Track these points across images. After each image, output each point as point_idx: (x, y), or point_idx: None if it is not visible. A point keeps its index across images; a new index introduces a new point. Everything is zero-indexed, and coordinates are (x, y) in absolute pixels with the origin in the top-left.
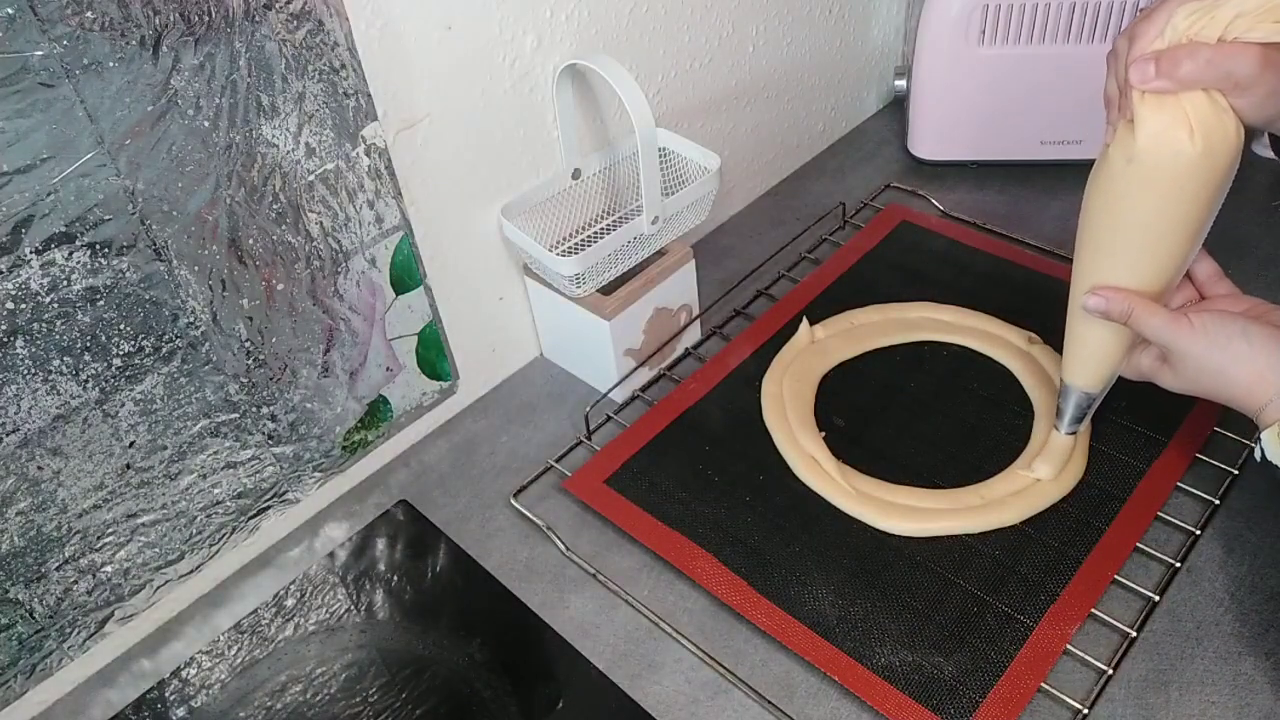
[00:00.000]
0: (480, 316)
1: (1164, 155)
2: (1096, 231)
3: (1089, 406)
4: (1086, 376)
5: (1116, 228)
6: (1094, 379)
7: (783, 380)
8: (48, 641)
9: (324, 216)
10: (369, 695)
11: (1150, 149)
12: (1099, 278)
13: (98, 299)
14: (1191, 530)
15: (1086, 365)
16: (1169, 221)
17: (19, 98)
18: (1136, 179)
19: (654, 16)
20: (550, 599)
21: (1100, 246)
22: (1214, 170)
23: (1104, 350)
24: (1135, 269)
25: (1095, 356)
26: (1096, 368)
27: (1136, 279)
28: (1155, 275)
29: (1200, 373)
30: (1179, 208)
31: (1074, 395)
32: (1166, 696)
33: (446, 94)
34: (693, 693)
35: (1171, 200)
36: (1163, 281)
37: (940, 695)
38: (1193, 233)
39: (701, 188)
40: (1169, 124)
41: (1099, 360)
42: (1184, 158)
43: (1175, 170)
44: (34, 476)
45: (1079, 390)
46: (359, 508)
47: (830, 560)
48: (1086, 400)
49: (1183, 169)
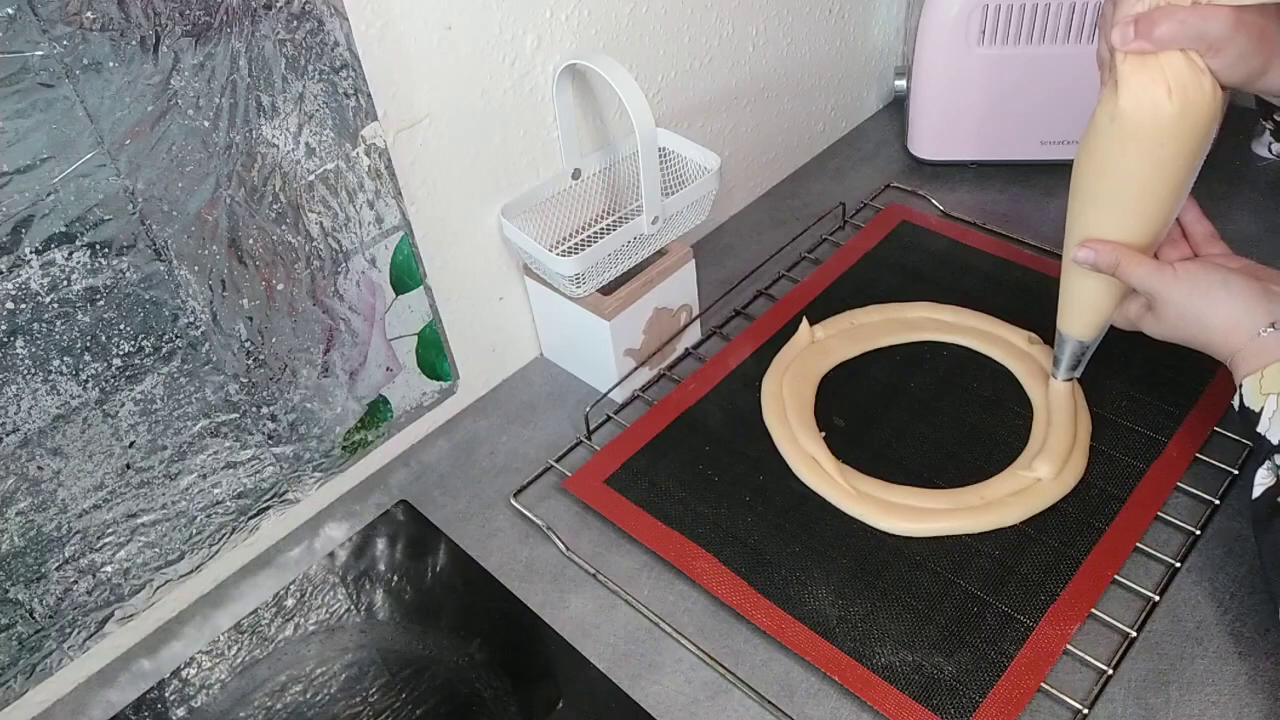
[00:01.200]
0: (480, 316)
1: (1144, 113)
2: (1085, 187)
3: (1083, 355)
4: (1080, 326)
5: (1103, 183)
6: (1087, 328)
7: (783, 380)
8: (48, 641)
9: (324, 216)
10: (369, 695)
11: (1131, 108)
12: (1088, 231)
13: (98, 299)
14: (1191, 530)
15: (1079, 316)
16: (1151, 176)
17: (19, 98)
18: (1119, 136)
19: (654, 16)
20: (550, 599)
21: (1089, 201)
22: (1192, 127)
23: (1095, 301)
24: (1121, 222)
25: (1087, 307)
26: (1088, 318)
27: (1123, 231)
28: (1141, 228)
29: (1181, 319)
30: (1160, 163)
31: (1069, 344)
32: (1166, 696)
33: (446, 94)
34: (693, 693)
35: (1152, 156)
36: (1148, 234)
37: (940, 695)
38: (1175, 187)
39: (701, 188)
40: (1148, 84)
41: (1090, 311)
42: (1163, 115)
43: (1155, 127)
44: (34, 476)
45: (1073, 339)
46: (359, 508)
47: (830, 560)
48: (1080, 349)
49: (1162, 126)
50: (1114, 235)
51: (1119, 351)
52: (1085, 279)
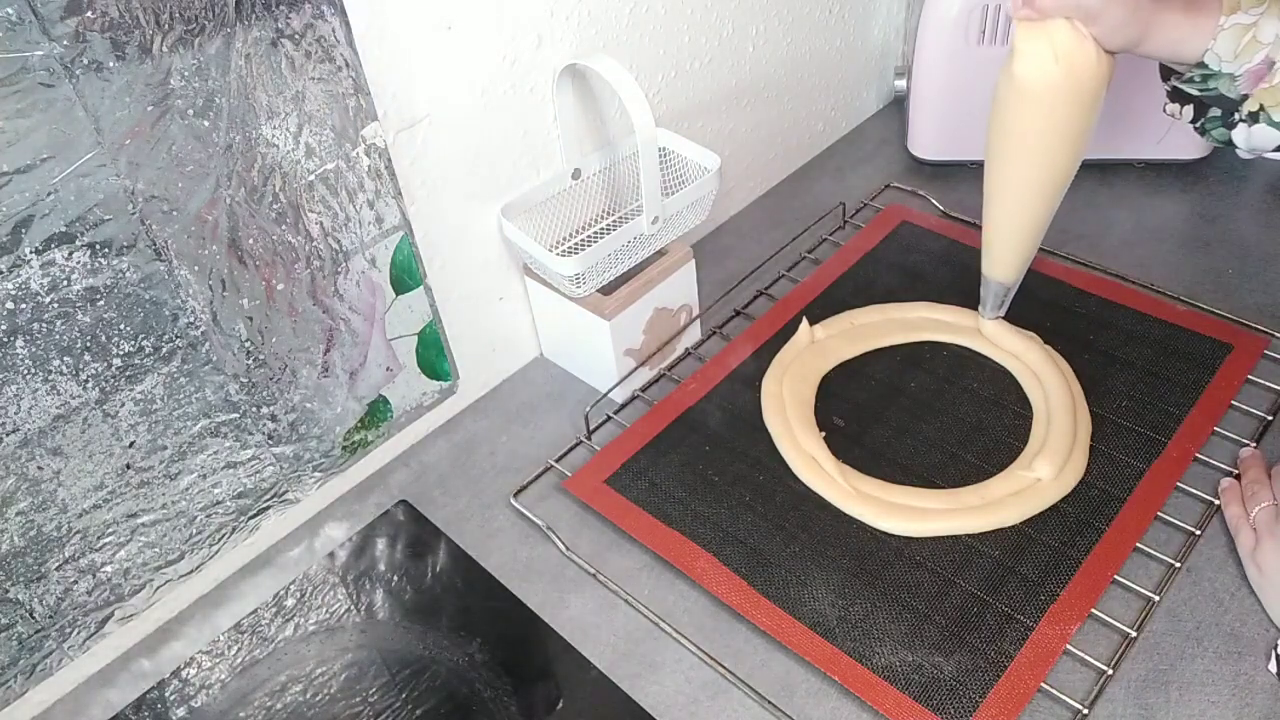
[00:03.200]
0: (480, 316)
1: (1033, 76)
2: (992, 146)
3: (1005, 295)
4: (1002, 269)
5: (1006, 143)
6: (1008, 271)
7: (783, 380)
8: (48, 641)
9: (324, 216)
10: (369, 695)
11: (1022, 71)
12: (996, 187)
13: (98, 299)
14: (1191, 530)
15: (1000, 259)
16: (1046, 136)
17: (19, 98)
18: (1015, 99)
19: (654, 16)
20: (550, 599)
21: (995, 159)
22: (1078, 90)
23: (1014, 246)
24: (1024, 178)
25: (1008, 251)
26: (1009, 261)
27: (1025, 186)
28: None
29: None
30: (1053, 123)
31: (992, 286)
32: (1166, 696)
33: (446, 94)
34: (693, 693)
35: (1045, 117)
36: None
37: (940, 695)
38: (1069, 145)
39: (701, 188)
40: (1038, 49)
41: (1010, 254)
42: (1050, 78)
43: (1045, 90)
44: (34, 476)
45: (996, 281)
46: (359, 508)
47: (830, 560)
48: (1003, 290)
49: (1051, 89)
50: (1018, 190)
51: (1119, 351)
52: (1005, 228)
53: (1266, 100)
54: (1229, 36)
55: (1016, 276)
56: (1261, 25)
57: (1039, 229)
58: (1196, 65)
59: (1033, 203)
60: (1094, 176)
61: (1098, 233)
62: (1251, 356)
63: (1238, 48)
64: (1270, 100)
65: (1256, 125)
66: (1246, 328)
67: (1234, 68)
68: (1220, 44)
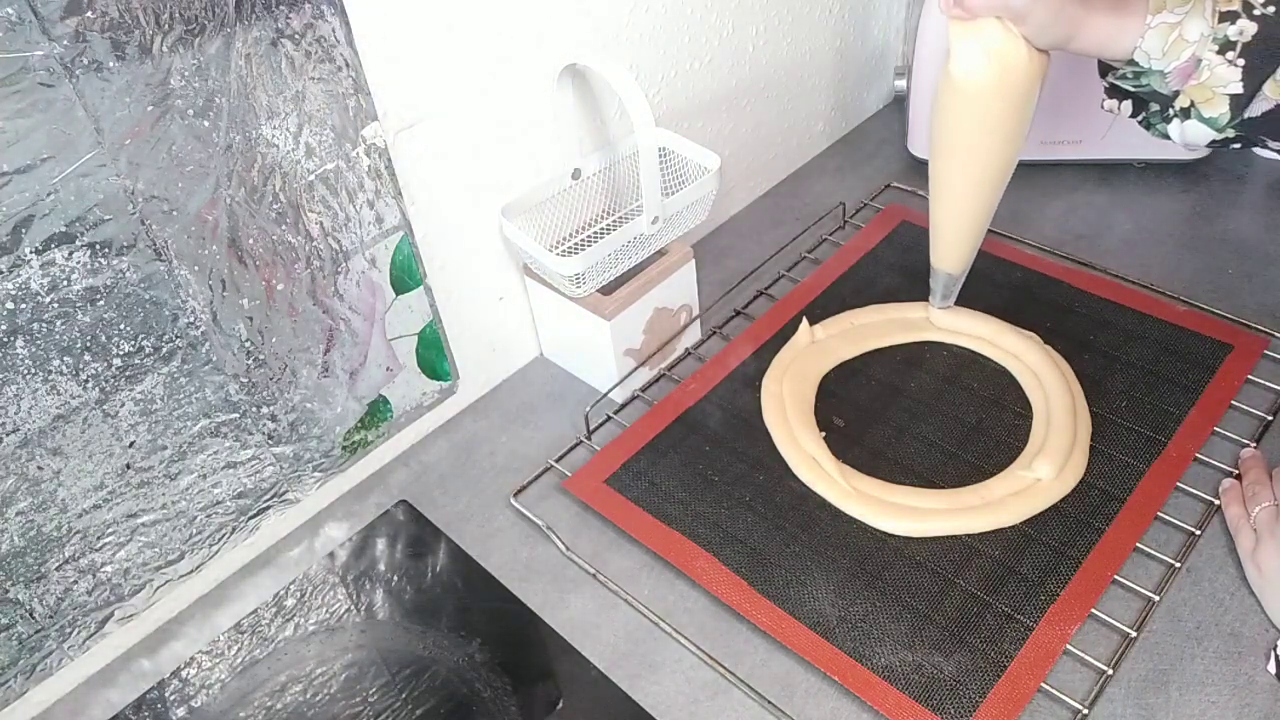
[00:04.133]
0: (480, 316)
1: (967, 75)
2: (935, 142)
3: (953, 285)
4: (948, 260)
5: (946, 139)
6: (954, 262)
7: (783, 380)
8: (48, 641)
9: (324, 216)
10: (369, 695)
11: (956, 70)
12: (937, 179)
13: (98, 299)
14: (1191, 530)
15: (946, 251)
16: (982, 132)
17: (19, 98)
18: (953, 97)
19: (654, 16)
20: (550, 599)
21: (937, 154)
22: (1011, 88)
23: (958, 238)
24: (965, 173)
25: (953, 244)
26: (954, 252)
27: (967, 181)
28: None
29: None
30: (988, 120)
31: (940, 276)
32: (1166, 696)
33: (446, 94)
34: (693, 693)
35: (980, 114)
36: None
37: (940, 695)
38: (1006, 141)
39: (701, 188)
40: (970, 48)
41: (955, 246)
42: (983, 77)
43: (978, 88)
44: (34, 476)
45: (943, 272)
46: (359, 508)
47: (830, 560)
48: (951, 280)
49: (984, 87)
50: (958, 185)
51: (1119, 351)
52: (951, 221)
53: (1196, 96)
54: (1156, 35)
55: (963, 267)
56: (1186, 24)
57: (981, 222)
58: (1128, 63)
59: (973, 197)
60: (1094, 176)
61: (1098, 233)
62: (1251, 356)
63: (1165, 46)
64: (1200, 96)
65: (1189, 121)
66: (1246, 328)
67: (1163, 65)
68: (1148, 42)
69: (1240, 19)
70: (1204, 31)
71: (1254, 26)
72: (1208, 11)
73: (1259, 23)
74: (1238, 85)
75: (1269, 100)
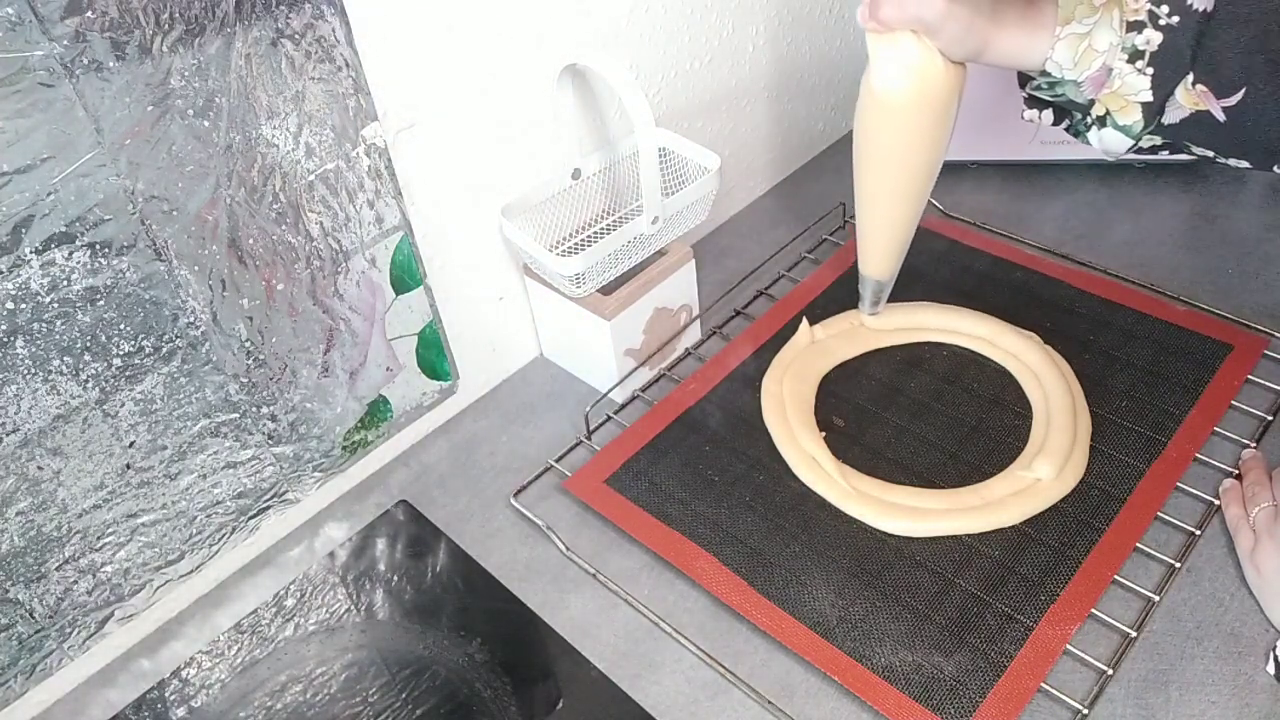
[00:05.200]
0: (480, 316)
1: (886, 87)
2: (857, 153)
3: (881, 291)
4: (875, 267)
5: (865, 146)
6: (880, 268)
7: (783, 380)
8: (48, 641)
9: (324, 216)
10: (369, 695)
11: (874, 82)
12: (861, 187)
13: (98, 299)
14: (1191, 530)
15: (872, 257)
16: (901, 143)
17: (19, 98)
18: (872, 108)
19: (654, 16)
20: (550, 599)
21: (858, 161)
22: (928, 100)
23: (883, 245)
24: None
25: (879, 250)
26: (880, 259)
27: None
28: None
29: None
30: (904, 131)
31: (869, 282)
32: (1166, 696)
33: (447, 94)
34: (693, 693)
35: (898, 124)
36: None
37: (940, 695)
38: (927, 152)
39: (701, 188)
40: (888, 60)
41: (881, 252)
42: (901, 89)
43: (896, 100)
44: (34, 476)
45: (871, 278)
46: (359, 508)
47: (830, 560)
48: (878, 286)
49: (902, 99)
50: (880, 193)
51: (1119, 351)
52: (879, 229)
53: (1110, 105)
54: (1066, 46)
55: (890, 273)
56: (1095, 34)
57: (906, 229)
58: (1041, 73)
59: (895, 205)
60: (1094, 176)
61: (1098, 233)
62: (1251, 356)
63: (1076, 56)
64: (1114, 105)
65: (1105, 129)
66: (1246, 328)
67: (1075, 75)
68: (1058, 53)
69: (1146, 28)
70: (1113, 41)
71: (1159, 36)
72: (1115, 21)
73: (1164, 32)
74: (1148, 93)
75: (1183, 108)
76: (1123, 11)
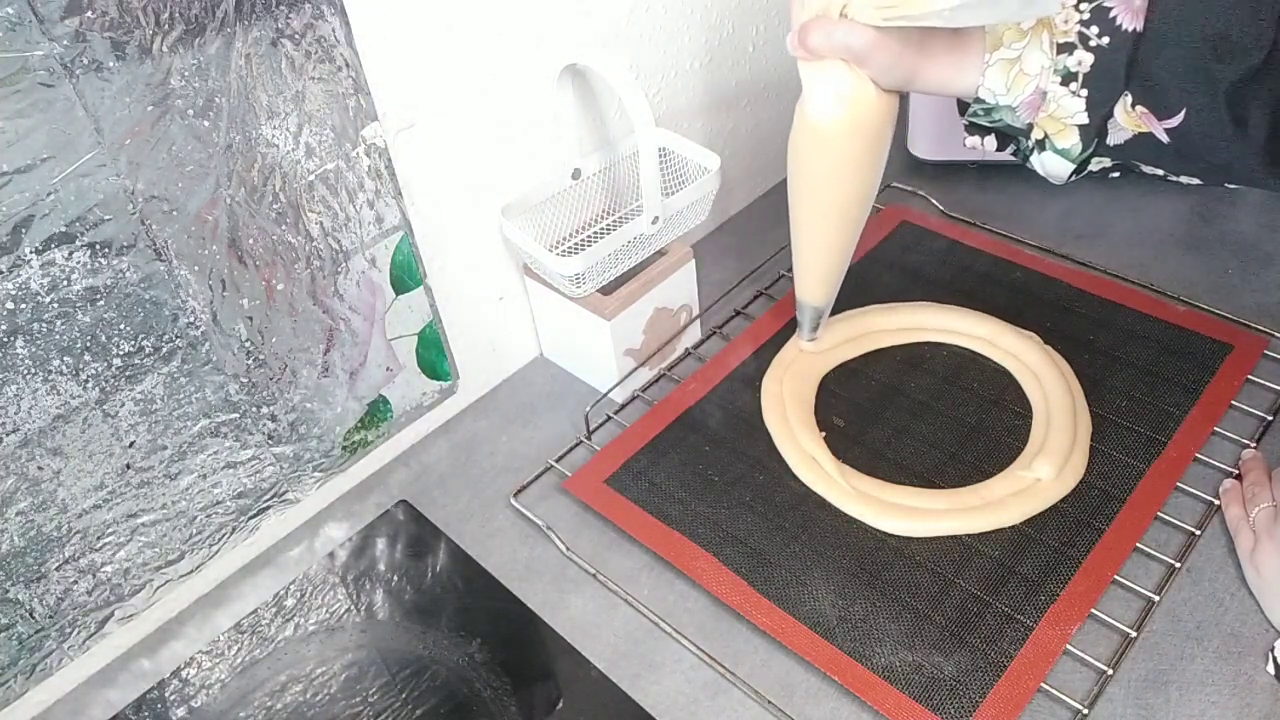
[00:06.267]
0: (480, 316)
1: (820, 116)
2: (791, 182)
3: (819, 318)
4: (811, 293)
5: (799, 173)
6: (817, 295)
7: (783, 380)
8: (48, 641)
9: (324, 216)
10: (369, 695)
11: (809, 110)
12: (795, 214)
13: (98, 299)
14: (1191, 530)
15: (808, 284)
16: (832, 169)
17: (19, 98)
18: (805, 134)
19: (654, 16)
20: (550, 599)
21: (793, 189)
22: (862, 128)
23: (818, 272)
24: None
25: (815, 277)
26: (816, 286)
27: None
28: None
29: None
30: (838, 159)
31: (806, 309)
32: (1166, 696)
33: (447, 94)
34: (693, 693)
35: (832, 153)
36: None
37: (940, 695)
38: (860, 180)
39: (701, 188)
40: (820, 89)
41: (816, 279)
42: (835, 118)
43: (830, 129)
44: (34, 476)
45: (808, 305)
46: (359, 508)
47: (830, 560)
48: (815, 313)
49: (836, 128)
50: (814, 220)
51: (1119, 351)
52: (807, 255)
53: (1048, 128)
54: (996, 71)
55: (827, 299)
56: (1025, 58)
57: (841, 255)
58: (976, 100)
59: (829, 232)
60: (1094, 176)
61: (1098, 233)
62: (1251, 356)
63: (1008, 81)
64: (1051, 129)
65: (1045, 153)
66: (1246, 328)
67: (1009, 100)
68: (990, 79)
69: (1077, 49)
70: (1044, 64)
71: (1091, 57)
72: (1045, 44)
73: (1095, 54)
74: (1083, 115)
75: (1126, 130)
76: (1052, 34)
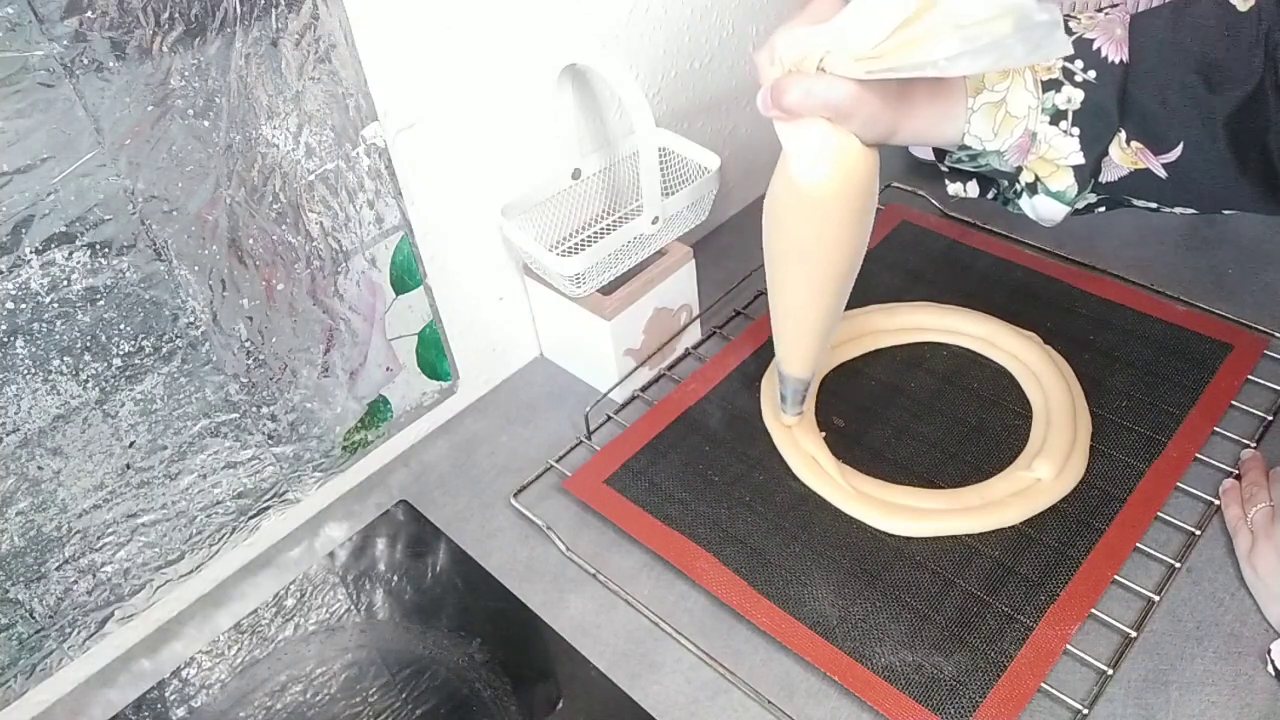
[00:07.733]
0: (480, 316)
1: (806, 178)
2: (770, 241)
3: (804, 391)
4: (796, 366)
5: (784, 240)
6: (803, 367)
7: None
8: (48, 641)
9: (324, 216)
10: (369, 695)
11: (794, 173)
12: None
13: (98, 299)
14: (1191, 530)
15: (792, 356)
16: (821, 233)
17: (19, 98)
18: (791, 197)
19: (654, 16)
20: (550, 599)
21: (775, 255)
22: (852, 187)
23: (804, 343)
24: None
25: (800, 348)
26: (801, 357)
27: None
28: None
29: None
30: (827, 222)
31: (790, 382)
32: (1166, 696)
33: (446, 94)
34: (693, 693)
35: (820, 216)
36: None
37: (940, 695)
38: (848, 243)
39: (701, 188)
40: (801, 149)
41: (802, 350)
42: (822, 178)
43: (819, 190)
44: (34, 476)
45: (793, 378)
46: (359, 508)
47: (830, 560)
48: (801, 385)
49: (824, 189)
50: (803, 289)
51: (1119, 351)
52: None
53: (1040, 170)
54: (982, 116)
55: (812, 370)
56: (1011, 99)
57: (829, 323)
58: (961, 147)
59: (818, 301)
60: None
61: (1098, 233)
62: (1251, 356)
63: (995, 125)
64: (1043, 171)
65: (1037, 196)
66: (1246, 328)
67: (997, 145)
68: (975, 125)
69: (1065, 86)
70: (1030, 104)
71: (1080, 94)
72: (1030, 83)
73: (1084, 89)
74: (1078, 155)
75: (1121, 167)
76: (1035, 72)
